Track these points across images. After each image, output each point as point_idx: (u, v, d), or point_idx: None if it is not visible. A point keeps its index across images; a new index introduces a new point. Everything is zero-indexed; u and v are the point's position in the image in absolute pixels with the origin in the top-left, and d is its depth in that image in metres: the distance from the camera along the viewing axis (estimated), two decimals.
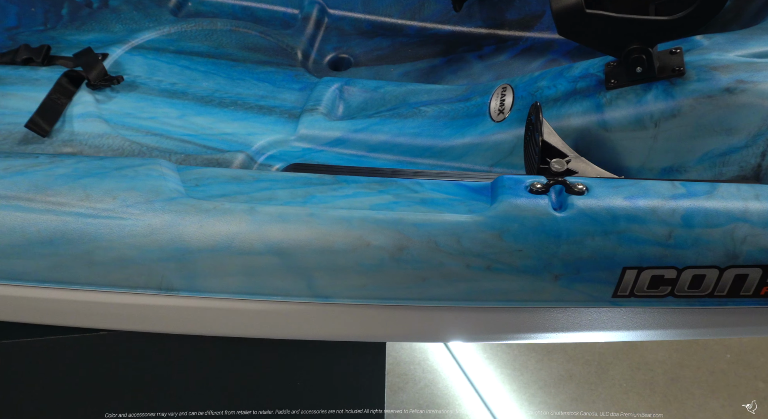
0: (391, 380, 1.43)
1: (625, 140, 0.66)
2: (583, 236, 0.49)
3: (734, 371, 1.43)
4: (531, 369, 1.42)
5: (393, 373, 1.44)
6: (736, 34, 0.67)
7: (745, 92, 0.60)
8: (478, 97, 0.78)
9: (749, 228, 0.47)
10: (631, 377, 1.41)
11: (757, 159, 0.60)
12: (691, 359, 1.45)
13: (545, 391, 1.38)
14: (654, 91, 0.65)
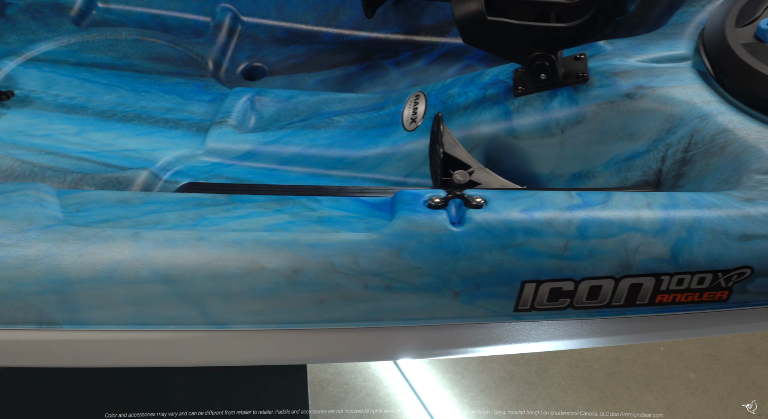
0: (332, 390, 1.41)
1: (535, 147, 0.66)
2: (481, 251, 0.47)
3: (667, 363, 1.47)
4: (472, 371, 1.42)
5: (334, 383, 1.41)
6: (637, 40, 0.67)
7: (644, 98, 0.61)
8: (392, 105, 0.76)
9: (641, 237, 0.47)
10: (569, 374, 1.43)
11: (658, 164, 0.61)
12: (627, 353, 1.48)
13: (486, 393, 1.39)
14: (559, 97, 0.64)
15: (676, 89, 0.60)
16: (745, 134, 0.55)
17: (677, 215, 0.47)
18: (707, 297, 0.48)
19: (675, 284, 0.47)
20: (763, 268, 0.46)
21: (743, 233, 0.46)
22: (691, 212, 0.47)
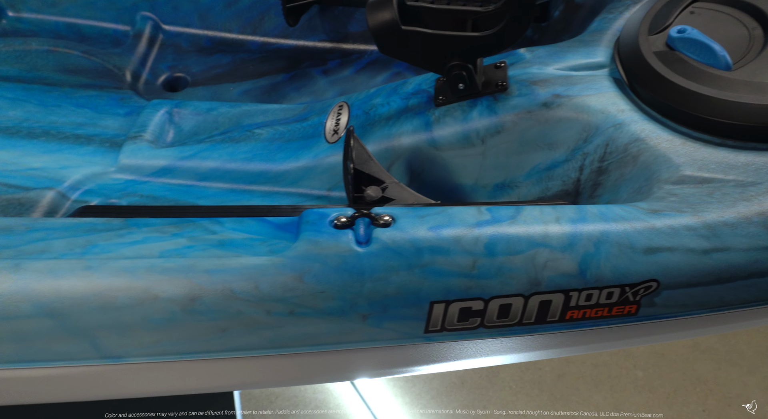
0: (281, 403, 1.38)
1: (457, 158, 0.65)
2: (387, 272, 0.46)
3: (615, 362, 1.49)
4: (423, 379, 1.41)
5: (282, 397, 1.38)
6: (556, 47, 0.67)
7: (561, 107, 0.60)
8: (315, 116, 0.74)
9: (549, 253, 0.46)
10: (520, 378, 1.44)
11: (577, 173, 0.60)
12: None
13: (437, 400, 1.38)
14: (479, 107, 0.63)
15: (591, 98, 0.60)
16: (656, 143, 0.54)
17: (585, 230, 0.46)
18: (616, 312, 0.47)
19: (584, 300, 0.46)
20: (668, 281, 0.46)
21: (649, 246, 0.46)
22: (598, 226, 0.46)
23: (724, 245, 0.45)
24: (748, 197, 0.47)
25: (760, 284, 0.46)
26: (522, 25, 0.58)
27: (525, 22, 0.58)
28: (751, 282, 0.45)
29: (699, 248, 0.45)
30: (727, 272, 0.45)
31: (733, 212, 0.46)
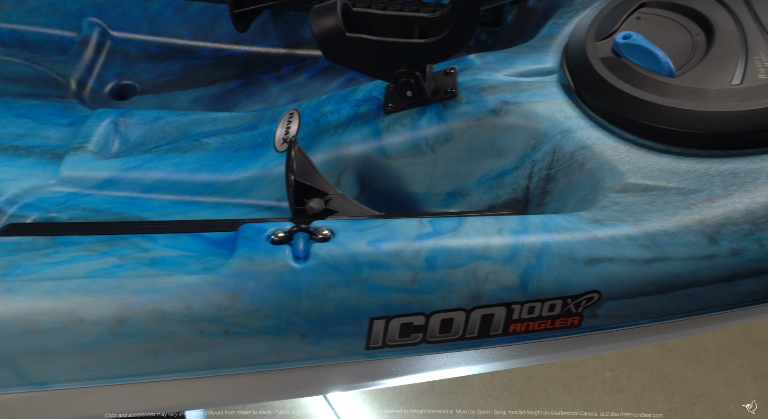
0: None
1: (407, 166, 0.64)
2: (325, 288, 0.44)
3: (584, 363, 1.49)
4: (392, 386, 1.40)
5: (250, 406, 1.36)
6: (506, 53, 0.66)
7: (509, 113, 0.59)
8: (266, 124, 0.72)
9: (490, 266, 0.45)
10: (489, 381, 1.43)
11: (526, 181, 0.60)
12: None
13: (406, 406, 1.37)
14: (428, 115, 0.62)
15: (539, 104, 0.59)
16: (602, 150, 0.54)
17: (526, 241, 0.46)
18: (560, 324, 0.46)
19: (526, 313, 0.46)
20: (610, 292, 0.45)
21: (590, 257, 0.45)
22: (540, 237, 0.46)
23: (665, 254, 0.45)
24: (688, 206, 0.47)
25: (700, 294, 0.45)
26: (467, 32, 0.57)
27: (470, 29, 0.57)
28: (691, 291, 0.45)
29: (640, 258, 0.45)
30: (667, 281, 0.45)
31: (674, 221, 0.46)
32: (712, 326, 0.49)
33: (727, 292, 0.45)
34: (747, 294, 0.45)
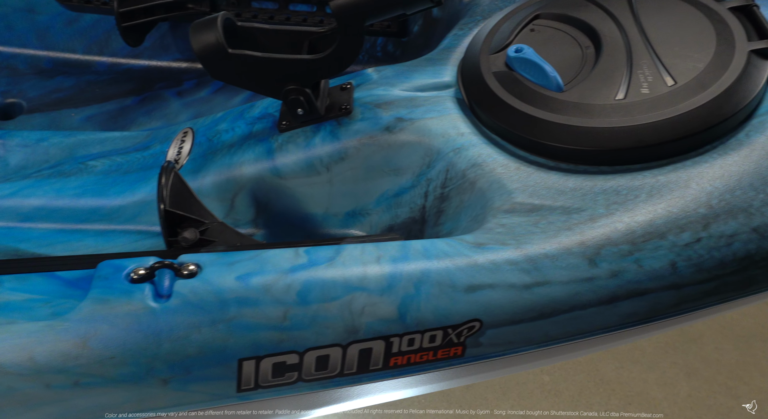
0: None
1: (303, 187, 0.61)
2: (187, 329, 0.41)
3: None
4: None
5: None
6: (404, 66, 0.64)
7: (404, 130, 0.57)
8: (158, 144, 0.68)
9: (367, 297, 0.42)
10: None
11: (422, 200, 0.58)
12: None
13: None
14: (322, 133, 0.60)
15: (433, 121, 0.57)
16: (492, 168, 0.52)
17: (405, 269, 0.43)
18: (442, 355, 0.44)
19: (406, 345, 0.43)
20: (491, 319, 0.43)
21: (470, 284, 0.43)
22: (419, 265, 0.44)
23: (545, 278, 0.43)
24: (570, 226, 0.45)
25: (582, 317, 0.44)
26: (354, 47, 0.55)
27: (357, 44, 0.55)
28: (573, 315, 0.44)
29: (520, 283, 0.43)
30: (549, 306, 0.43)
31: (555, 243, 0.44)
32: (597, 347, 0.48)
33: (609, 314, 0.44)
34: (629, 316, 0.44)
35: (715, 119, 0.48)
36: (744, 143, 0.48)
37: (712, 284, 0.44)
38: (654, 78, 0.51)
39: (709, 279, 0.44)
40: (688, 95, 0.49)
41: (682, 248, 0.44)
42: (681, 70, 0.51)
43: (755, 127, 0.48)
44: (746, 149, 0.47)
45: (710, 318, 0.49)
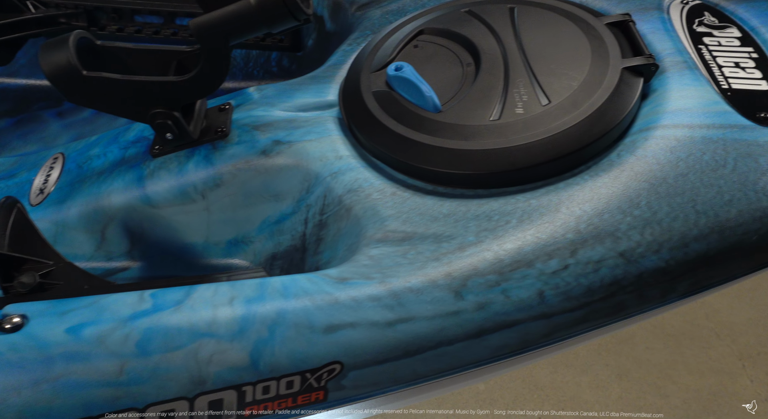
0: None
1: (178, 215, 0.57)
2: (5, 393, 0.37)
3: None
4: None
5: None
6: (287, 85, 0.61)
7: (281, 154, 0.54)
8: (25, 172, 0.63)
9: (216, 344, 0.39)
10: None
11: (302, 227, 0.55)
12: None
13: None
14: (196, 157, 0.56)
15: (312, 143, 0.55)
16: (368, 193, 0.50)
17: (260, 311, 0.40)
18: (303, 401, 0.41)
19: (261, 394, 0.40)
20: (352, 361, 0.41)
21: (330, 324, 0.40)
22: (276, 305, 0.41)
23: (409, 314, 0.41)
24: (439, 256, 0.43)
25: (450, 353, 0.42)
26: (220, 68, 0.51)
27: (223, 65, 0.51)
28: (441, 351, 0.42)
29: (383, 321, 0.41)
30: (414, 344, 0.41)
31: (421, 276, 0.42)
32: (471, 381, 0.46)
33: (478, 348, 0.42)
34: (500, 348, 0.43)
35: (586, 140, 0.47)
36: (615, 163, 0.47)
37: (582, 311, 0.43)
38: (529, 97, 0.50)
39: (577, 307, 0.43)
40: (561, 115, 0.48)
41: (550, 276, 0.42)
42: (556, 88, 0.50)
43: (627, 146, 0.48)
44: (616, 170, 0.46)
45: (593, 340, 0.48)
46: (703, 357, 1.57)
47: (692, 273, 0.43)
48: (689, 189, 0.44)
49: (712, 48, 0.53)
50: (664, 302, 0.44)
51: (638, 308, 0.44)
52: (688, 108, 0.48)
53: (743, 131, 0.46)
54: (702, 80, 0.50)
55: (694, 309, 1.71)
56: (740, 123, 0.47)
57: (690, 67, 0.51)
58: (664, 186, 0.44)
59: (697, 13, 0.57)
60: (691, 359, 1.56)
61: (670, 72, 0.51)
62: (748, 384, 1.51)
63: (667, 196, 0.44)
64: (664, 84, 0.51)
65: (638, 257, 0.42)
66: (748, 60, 0.52)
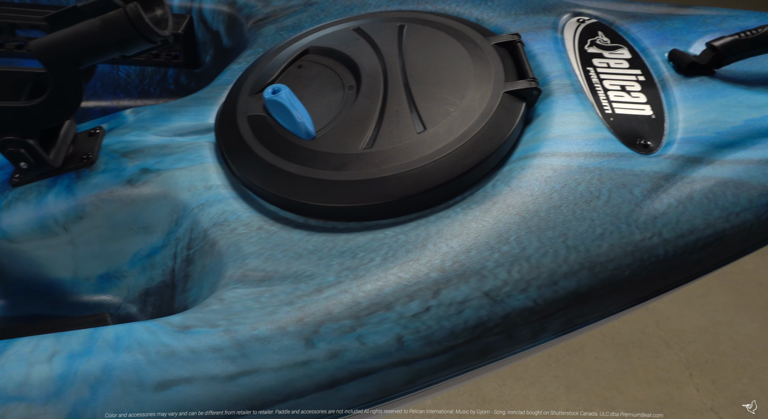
0: None
1: (40, 250, 0.53)
2: None
3: None
4: None
5: None
6: (166, 107, 0.57)
7: (148, 184, 0.50)
8: None
9: (26, 409, 0.35)
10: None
11: (172, 262, 0.51)
12: None
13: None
14: (57, 188, 0.52)
15: (182, 172, 0.51)
16: (233, 227, 0.46)
17: (83, 368, 0.36)
18: None
19: None
20: None
21: (162, 380, 0.37)
22: (102, 360, 0.37)
23: (254, 366, 0.38)
24: (293, 299, 0.40)
25: (302, 405, 0.39)
26: (72, 92, 0.47)
27: (75, 89, 0.47)
28: (290, 404, 0.38)
29: (223, 375, 0.37)
30: (258, 398, 0.38)
31: (270, 323, 0.39)
32: None
33: (333, 399, 0.39)
34: (358, 398, 0.39)
35: (459, 170, 0.44)
36: (489, 195, 0.44)
37: (446, 356, 0.40)
38: (404, 124, 0.47)
39: (440, 352, 0.40)
40: (434, 143, 0.45)
41: (410, 319, 0.39)
42: (433, 114, 0.47)
43: (504, 176, 0.45)
44: (489, 202, 0.43)
45: (472, 380, 0.45)
46: (651, 366, 1.57)
47: (563, 312, 0.41)
48: (561, 223, 0.41)
49: (600, 70, 0.51)
50: (536, 342, 0.41)
51: (509, 349, 0.41)
52: (568, 135, 0.46)
53: (620, 159, 0.44)
54: (586, 105, 0.48)
55: (644, 317, 1.71)
56: (619, 151, 0.44)
57: (576, 91, 0.49)
58: (535, 220, 0.42)
59: (591, 32, 0.55)
60: (639, 368, 1.56)
61: (555, 96, 0.49)
62: (694, 393, 1.52)
63: (537, 230, 0.41)
64: (549, 109, 0.48)
65: (504, 297, 0.40)
66: (634, 83, 0.50)
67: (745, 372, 1.54)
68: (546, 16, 0.56)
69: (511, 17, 0.57)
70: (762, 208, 0.41)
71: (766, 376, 1.52)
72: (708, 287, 1.78)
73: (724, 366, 1.56)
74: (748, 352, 1.60)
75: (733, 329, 1.67)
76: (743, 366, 1.55)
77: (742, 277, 1.80)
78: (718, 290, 1.78)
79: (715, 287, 1.79)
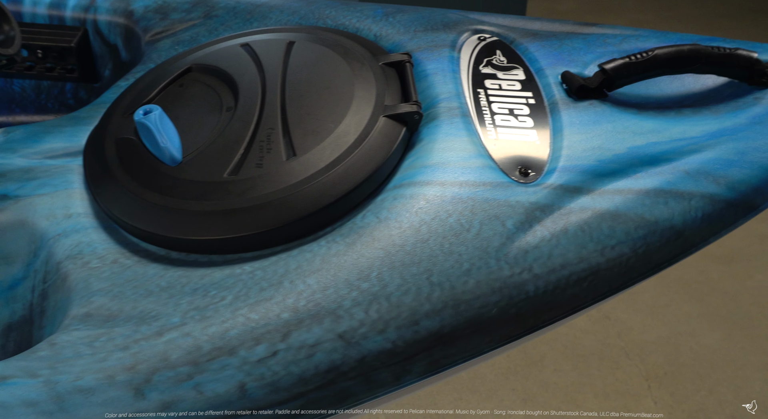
0: None
1: None
2: None
3: None
4: None
5: None
6: (40, 127, 0.54)
7: (5, 211, 0.47)
8: None
9: None
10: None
11: (30, 295, 0.48)
12: None
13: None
14: None
15: (43, 198, 0.47)
16: (86, 261, 0.43)
17: None
18: None
19: None
20: None
21: None
22: None
23: None
24: (129, 344, 0.37)
25: None
26: None
27: None
28: None
29: None
30: None
31: (98, 372, 0.35)
32: None
33: None
34: None
35: (326, 200, 0.41)
36: (356, 227, 0.41)
37: (296, 403, 0.37)
38: (274, 149, 0.44)
39: (289, 399, 0.37)
40: (302, 171, 0.42)
41: (254, 365, 0.36)
42: (306, 140, 0.44)
43: (375, 206, 0.42)
44: (355, 235, 0.40)
45: None
46: (610, 378, 1.55)
47: (427, 353, 0.38)
48: (427, 258, 0.39)
49: (491, 92, 0.48)
50: (400, 385, 0.39)
51: (370, 393, 0.38)
52: (447, 162, 0.43)
53: (496, 189, 0.41)
54: (470, 130, 0.45)
55: (606, 328, 1.69)
56: (496, 180, 0.42)
57: (462, 115, 0.46)
58: (400, 255, 0.39)
59: (489, 51, 0.53)
60: (598, 380, 1.54)
61: (440, 119, 0.46)
62: (652, 406, 1.50)
63: (401, 266, 0.38)
64: (432, 133, 0.45)
65: (360, 339, 0.37)
66: (524, 106, 0.47)
67: (704, 384, 1.53)
68: (445, 34, 0.54)
69: (409, 34, 0.55)
70: (638, 241, 0.39)
71: (725, 389, 1.51)
72: (671, 297, 1.77)
73: (683, 378, 1.55)
74: (708, 364, 1.59)
75: (694, 339, 1.66)
76: (702, 377, 1.54)
77: (706, 286, 1.79)
78: (681, 300, 1.77)
79: (679, 296, 1.78)
